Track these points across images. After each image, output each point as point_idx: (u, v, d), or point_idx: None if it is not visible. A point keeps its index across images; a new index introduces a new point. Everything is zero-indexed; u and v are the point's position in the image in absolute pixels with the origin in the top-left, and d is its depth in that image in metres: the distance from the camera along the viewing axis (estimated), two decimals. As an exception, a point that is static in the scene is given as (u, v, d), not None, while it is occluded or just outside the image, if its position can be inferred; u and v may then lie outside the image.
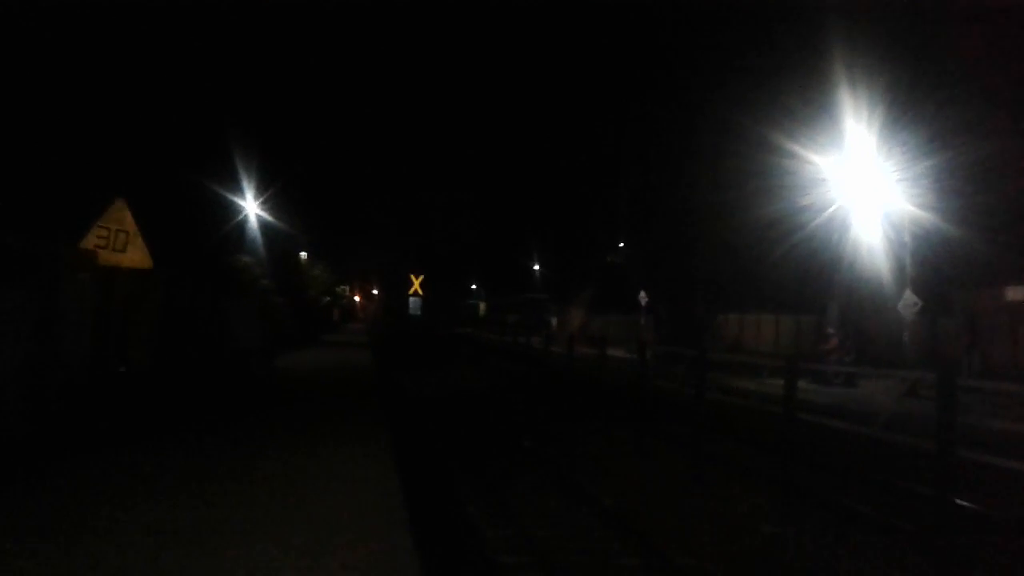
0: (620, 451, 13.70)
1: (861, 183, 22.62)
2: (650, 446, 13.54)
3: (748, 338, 40.87)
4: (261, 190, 33.80)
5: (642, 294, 41.33)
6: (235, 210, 32.88)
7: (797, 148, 24.45)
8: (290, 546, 5.60)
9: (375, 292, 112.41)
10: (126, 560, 5.21)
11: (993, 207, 20.97)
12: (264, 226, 34.52)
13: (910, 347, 22.06)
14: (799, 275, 31.08)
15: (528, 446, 13.93)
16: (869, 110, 21.22)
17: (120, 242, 11.67)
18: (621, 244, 56.27)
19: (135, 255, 11.79)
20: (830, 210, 24.84)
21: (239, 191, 32.63)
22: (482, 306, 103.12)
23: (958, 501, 7.71)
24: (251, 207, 33.59)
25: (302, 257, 48.70)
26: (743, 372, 17.56)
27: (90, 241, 11.31)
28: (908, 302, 20.61)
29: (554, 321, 59.32)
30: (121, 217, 11.75)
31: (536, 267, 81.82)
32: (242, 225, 33.24)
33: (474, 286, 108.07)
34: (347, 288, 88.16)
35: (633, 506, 10.05)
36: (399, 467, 8.67)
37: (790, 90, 26.15)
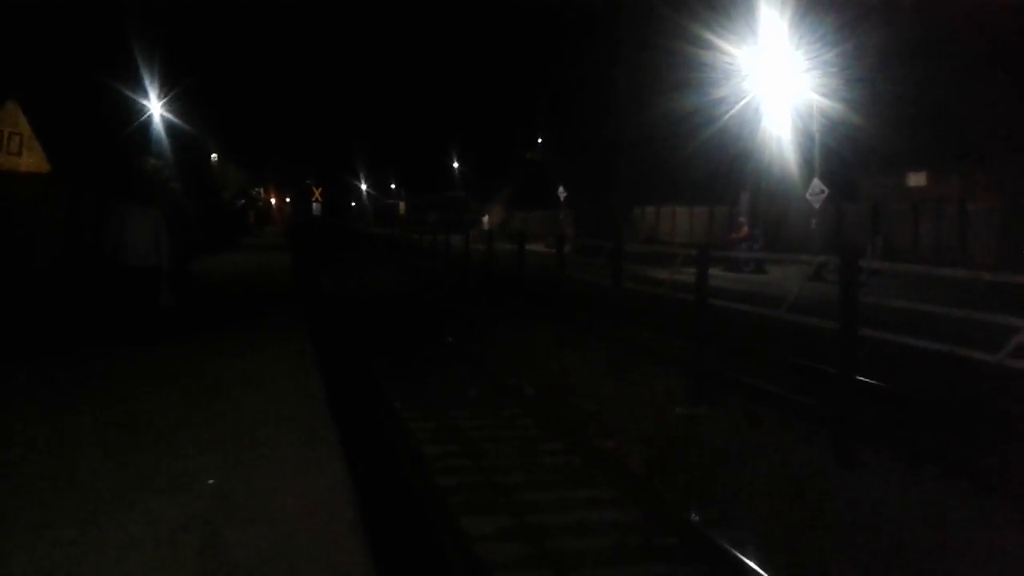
0: (540, 342, 13.99)
1: (773, 74, 22.84)
2: (569, 337, 13.85)
3: (664, 229, 41.66)
4: (167, 90, 32.32)
5: (561, 189, 41.48)
6: (141, 111, 31.45)
7: (714, 39, 24.42)
8: (212, 440, 5.64)
9: (290, 197, 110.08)
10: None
11: (896, 95, 21.48)
12: (172, 128, 33.14)
13: (817, 233, 22.83)
14: (713, 167, 31.58)
15: (450, 342, 14.11)
16: (781, -1, 21.25)
17: (15, 145, 11.10)
18: (540, 140, 56.01)
19: (31, 159, 11.24)
20: (743, 102, 25.08)
21: (143, 91, 31.14)
22: (402, 205, 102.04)
23: (860, 378, 8.14)
24: (156, 107, 32.15)
25: (213, 159, 47.10)
26: (658, 262, 17.97)
27: (-20, 145, 10.72)
28: (815, 190, 21.22)
29: (485, 219, 59.22)
30: (14, 119, 11.14)
31: (455, 165, 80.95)
32: (147, 126, 31.84)
33: (393, 185, 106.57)
34: (262, 191, 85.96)
35: (553, 394, 10.36)
36: (321, 366, 8.71)
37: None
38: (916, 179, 28.14)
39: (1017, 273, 11.06)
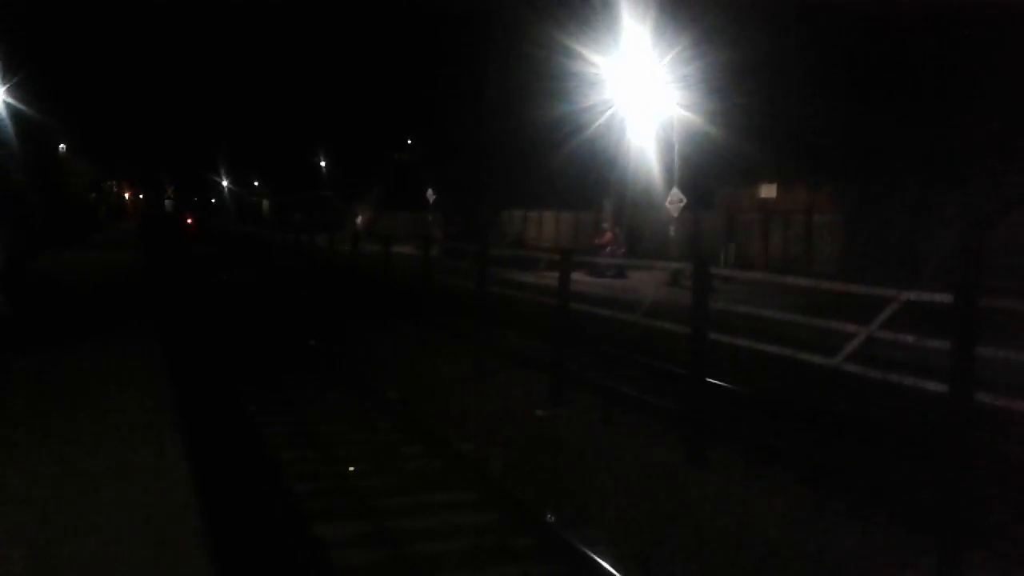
0: (404, 346, 13.91)
1: (636, 85, 23.53)
2: (434, 340, 13.84)
3: (531, 234, 42.17)
4: (12, 74, 30.28)
5: (429, 191, 41.38)
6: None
7: (580, 49, 24.93)
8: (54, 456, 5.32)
9: (143, 193, 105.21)
10: None
11: (749, 109, 22.53)
12: (18, 116, 31.05)
13: (676, 241, 23.68)
14: (580, 174, 32.21)
15: (313, 345, 13.82)
16: (643, 10, 21.89)
17: None
18: (409, 141, 55.69)
19: None
20: (609, 111, 25.71)
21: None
22: (265, 204, 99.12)
23: (709, 380, 8.48)
24: (-3, 91, 30.10)
25: (62, 150, 44.43)
26: (524, 266, 18.20)
27: None
28: (674, 199, 21.99)
29: (359, 220, 58.15)
30: None
31: (323, 164, 79.31)
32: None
33: (256, 183, 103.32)
34: (115, 184, 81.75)
35: (416, 398, 10.31)
36: (172, 371, 8.36)
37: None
38: (767, 190, 29.60)
39: (855, 282, 11.78)
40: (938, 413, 5.93)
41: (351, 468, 7.54)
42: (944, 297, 6.54)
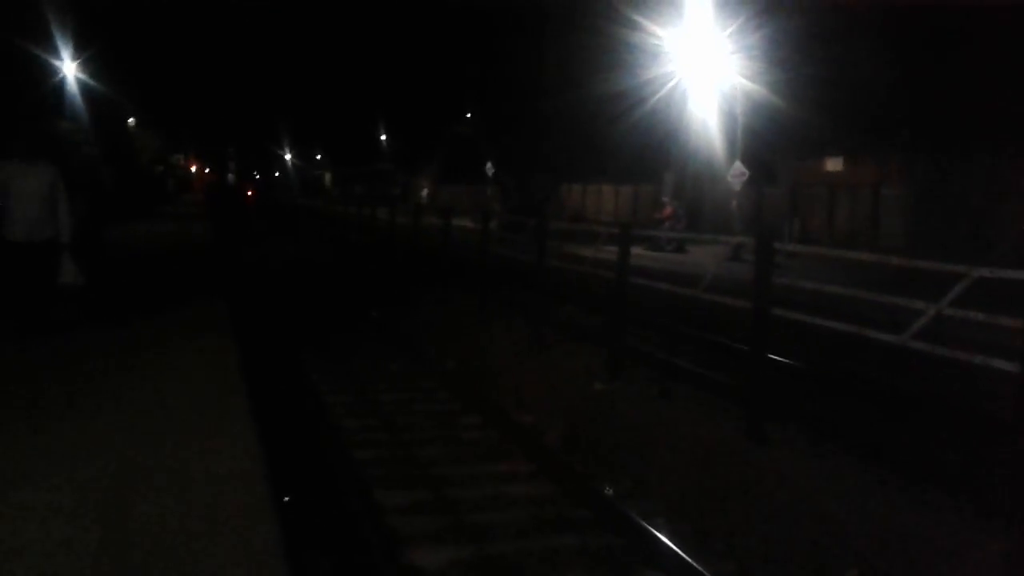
0: (463, 317, 14.01)
1: (699, 56, 23.14)
2: (491, 311, 13.90)
3: (590, 208, 41.99)
4: (82, 50, 31.06)
5: (489, 165, 41.40)
6: (54, 72, 30.18)
7: (641, 20, 24.57)
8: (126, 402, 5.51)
9: (210, 166, 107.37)
10: None
11: (818, 80, 21.98)
12: (88, 91, 31.89)
13: (738, 215, 23.33)
14: (640, 147, 31.85)
15: (374, 316, 14.01)
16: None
17: None
18: (468, 115, 55.65)
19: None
20: (670, 84, 25.35)
21: (55, 51, 29.85)
22: (328, 176, 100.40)
23: (770, 356, 8.37)
24: (69, 68, 30.88)
25: (131, 124, 45.55)
26: (583, 240, 18.11)
27: None
28: (736, 172, 21.65)
29: (424, 193, 58.47)
30: None
31: (383, 137, 79.84)
32: (60, 88, 30.61)
33: (319, 156, 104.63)
34: (182, 157, 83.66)
35: (474, 369, 10.41)
36: (238, 338, 8.56)
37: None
38: (833, 164, 28.91)
39: (923, 258, 11.45)
40: (1007, 392, 5.76)
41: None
42: (1018, 274, 6.34)
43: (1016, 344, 5.71)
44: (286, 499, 4.64)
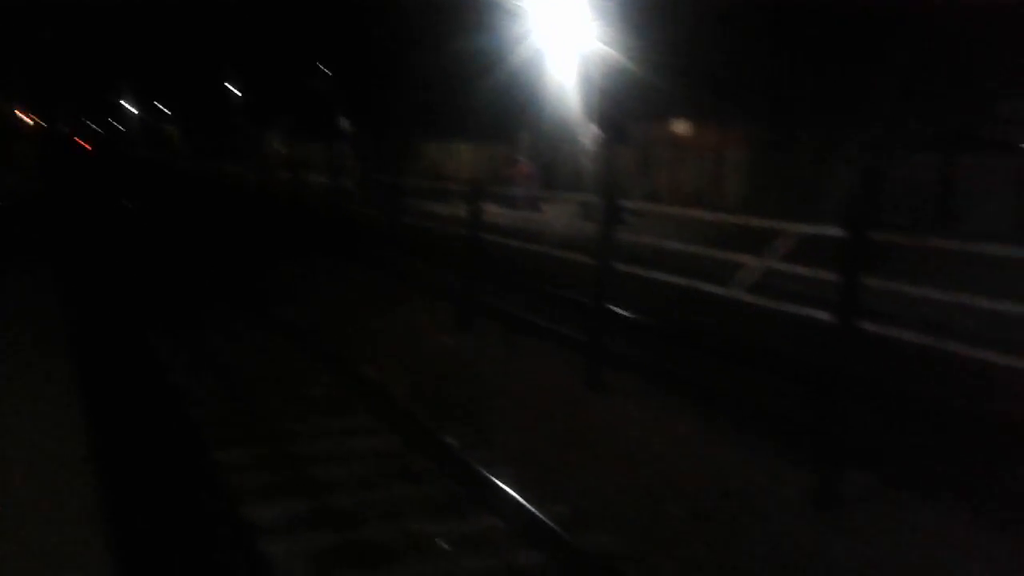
0: (316, 275, 13.75)
1: (556, 20, 23.28)
2: (345, 269, 13.72)
3: (448, 166, 41.83)
4: None
5: (344, 121, 40.44)
6: None
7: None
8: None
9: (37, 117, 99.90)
10: None
11: (668, 46, 22.55)
12: None
13: (591, 175, 23.83)
14: (499, 107, 31.90)
15: (222, 272, 13.52)
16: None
17: None
18: (324, 68, 54.00)
19: None
20: (529, 44, 25.43)
21: None
22: (174, 131, 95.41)
23: (613, 308, 8.65)
24: None
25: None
26: (438, 198, 18.10)
27: None
28: (590, 132, 22.07)
29: (282, 148, 56.12)
30: None
31: (234, 90, 76.43)
32: None
33: (168, 111, 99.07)
34: (11, 107, 77.53)
35: (325, 327, 10.23)
36: (62, 296, 8.09)
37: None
38: (681, 127, 29.94)
39: (759, 216, 12.08)
40: (825, 341, 6.16)
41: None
42: (835, 231, 6.77)
43: (832, 296, 6.08)
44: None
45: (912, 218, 18.84)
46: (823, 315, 6.82)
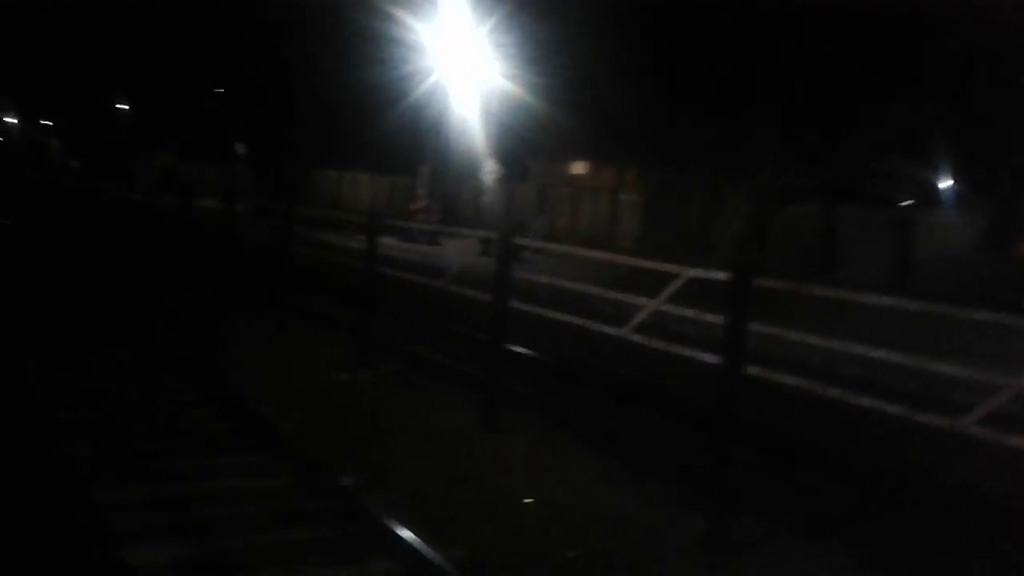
0: (203, 305, 13.34)
1: (457, 54, 23.56)
2: (235, 300, 13.37)
3: (346, 196, 41.53)
4: None
5: (239, 145, 39.67)
6: None
7: (399, 13, 24.56)
8: None
9: None
10: None
11: (566, 86, 23.04)
12: None
13: (490, 211, 24.06)
14: (400, 139, 31.94)
15: (103, 303, 12.95)
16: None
17: None
18: (219, 90, 52.85)
19: None
20: (431, 79, 25.61)
21: None
22: (55, 144, 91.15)
23: (510, 347, 8.72)
24: None
25: None
26: (335, 228, 17.89)
27: None
28: (489, 169, 22.33)
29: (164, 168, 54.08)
30: None
31: (123, 106, 73.68)
32: None
33: (49, 123, 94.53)
34: None
35: (213, 360, 9.92)
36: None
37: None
38: (579, 167, 30.64)
39: (651, 259, 12.42)
40: (712, 383, 6.37)
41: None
42: (723, 275, 7.04)
43: (720, 338, 6.30)
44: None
45: (800, 263, 19.77)
46: (711, 358, 7.06)
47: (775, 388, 7.03)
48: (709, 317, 7.40)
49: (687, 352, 7.86)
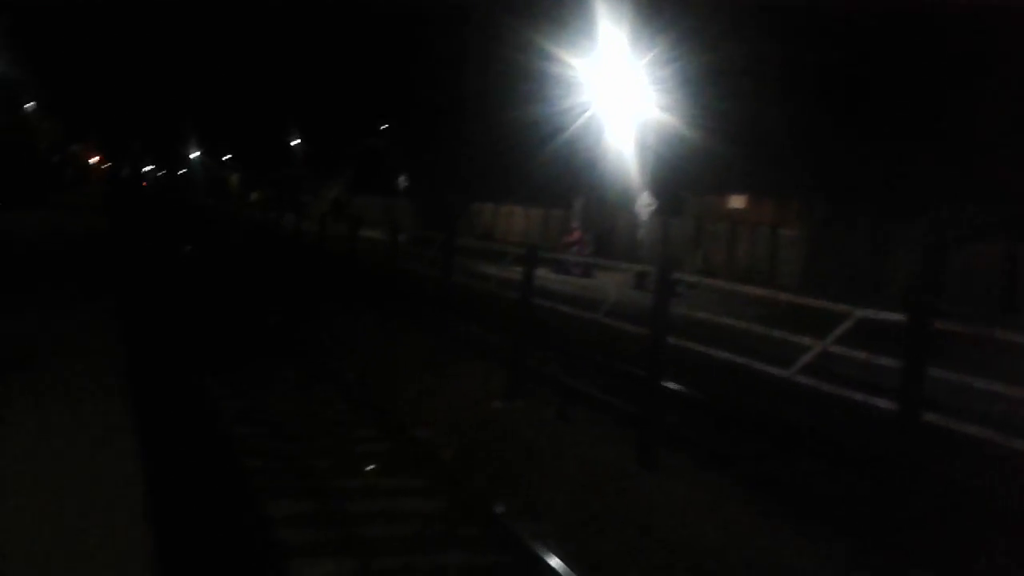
0: (366, 330, 13.85)
1: (614, 87, 23.59)
2: (395, 326, 13.81)
3: (501, 228, 42.24)
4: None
5: (402, 178, 41.23)
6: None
7: (557, 51, 24.96)
8: None
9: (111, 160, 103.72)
10: None
11: (726, 116, 22.64)
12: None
13: (644, 244, 23.82)
14: (555, 172, 32.30)
15: (273, 324, 13.71)
16: (620, 12, 21.84)
17: None
18: (384, 127, 55.29)
19: None
20: (587, 113, 25.78)
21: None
22: (235, 178, 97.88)
23: (664, 383, 8.55)
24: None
25: (28, 108, 43.65)
26: (491, 259, 18.22)
27: None
28: (644, 202, 22.15)
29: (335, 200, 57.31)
30: None
31: (296, 142, 78.33)
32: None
33: (228, 156, 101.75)
34: (81, 147, 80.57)
35: (375, 383, 10.29)
36: (129, 346, 8.27)
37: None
38: (737, 201, 29.89)
39: (814, 297, 11.93)
40: (886, 430, 6.01)
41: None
42: (898, 317, 6.66)
43: (894, 384, 5.95)
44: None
45: (979, 304, 18.44)
46: (884, 403, 6.67)
47: (958, 439, 6.54)
48: (884, 361, 6.98)
49: (858, 396, 7.45)
